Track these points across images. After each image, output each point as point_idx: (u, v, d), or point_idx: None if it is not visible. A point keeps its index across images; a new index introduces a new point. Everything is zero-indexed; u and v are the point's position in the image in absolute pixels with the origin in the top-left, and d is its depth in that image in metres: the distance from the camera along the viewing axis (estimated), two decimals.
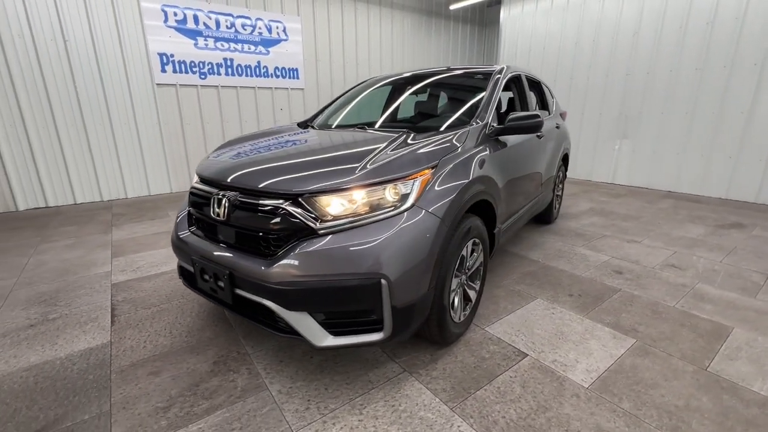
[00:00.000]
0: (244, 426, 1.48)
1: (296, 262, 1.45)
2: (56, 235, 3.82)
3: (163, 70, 5.50)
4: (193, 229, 1.91)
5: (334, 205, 1.51)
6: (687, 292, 2.56)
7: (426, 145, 1.82)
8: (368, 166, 1.59)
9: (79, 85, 4.95)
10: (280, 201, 1.53)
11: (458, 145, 1.93)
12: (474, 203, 1.95)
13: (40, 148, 4.83)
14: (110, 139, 5.29)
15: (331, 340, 1.52)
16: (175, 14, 5.45)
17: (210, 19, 5.72)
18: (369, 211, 1.52)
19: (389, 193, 1.55)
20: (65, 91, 4.90)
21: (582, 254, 3.25)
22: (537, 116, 2.28)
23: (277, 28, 6.37)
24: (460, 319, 1.98)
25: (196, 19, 5.60)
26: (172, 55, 5.53)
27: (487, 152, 2.12)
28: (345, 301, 1.46)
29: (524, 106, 3.05)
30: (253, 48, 6.18)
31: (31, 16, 4.53)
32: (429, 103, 2.81)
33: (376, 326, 1.53)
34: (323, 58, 7.05)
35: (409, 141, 1.87)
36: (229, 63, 6.01)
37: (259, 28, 6.19)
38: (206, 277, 1.72)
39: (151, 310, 2.37)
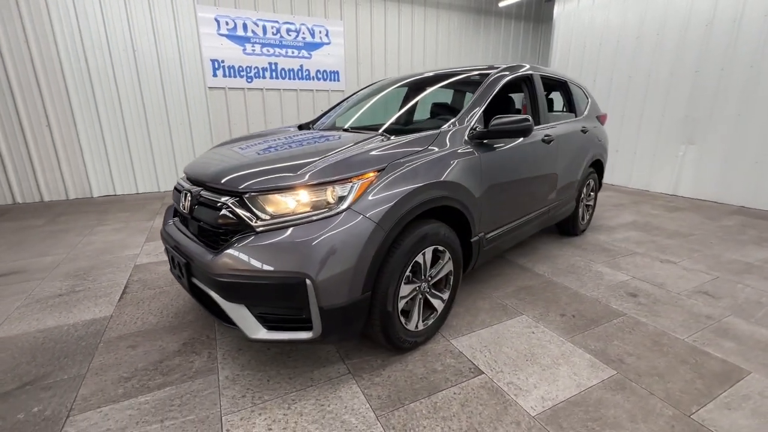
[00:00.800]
0: (183, 404, 1.60)
1: (233, 256, 1.53)
2: (111, 220, 4.40)
3: (215, 75, 6.03)
4: (175, 220, 2.10)
5: (272, 205, 1.56)
6: (709, 325, 2.20)
7: (381, 147, 1.80)
8: (311, 168, 1.62)
9: (144, 90, 5.64)
10: (227, 198, 1.63)
11: (420, 148, 1.87)
12: (434, 208, 1.89)
13: (111, 143, 5.60)
14: (168, 137, 5.95)
15: (263, 334, 1.58)
16: (227, 23, 5.95)
17: (257, 26, 6.14)
18: (306, 212, 1.55)
19: (328, 195, 1.57)
20: (133, 96, 5.61)
21: (597, 271, 2.93)
22: (524, 120, 2.13)
23: (320, 32, 6.64)
24: (417, 327, 1.92)
25: (245, 26, 6.06)
26: (222, 61, 6.04)
27: (464, 157, 2.03)
28: (274, 298, 1.51)
29: (535, 108, 2.85)
30: (296, 52, 6.51)
31: (108, 30, 5.27)
32: (420, 106, 2.76)
33: (305, 324, 1.56)
34: (364, 60, 7.19)
35: (372, 144, 1.86)
36: (273, 67, 6.40)
37: (303, 33, 6.50)
38: (174, 264, 1.88)
39: (154, 291, 2.64)
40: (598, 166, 3.85)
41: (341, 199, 1.56)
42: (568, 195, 3.25)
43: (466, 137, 2.13)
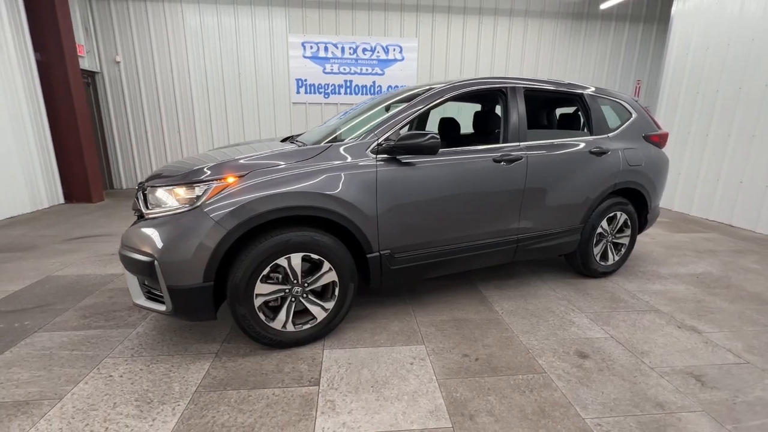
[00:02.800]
0: (93, 342, 2.10)
1: (126, 234, 1.95)
2: None
3: (298, 92, 6.99)
4: None
5: (155, 198, 1.93)
6: (649, 414, 1.64)
7: (259, 156, 1.99)
8: (184, 171, 1.92)
9: (244, 106, 6.96)
10: (140, 192, 2.07)
11: (299, 159, 1.98)
12: (315, 218, 1.97)
13: (219, 146, 7.07)
14: None
15: (142, 301, 1.96)
16: (311, 47, 6.84)
17: (337, 48, 6.87)
18: (174, 206, 1.86)
19: (189, 194, 1.85)
20: (237, 110, 6.97)
21: (569, 321, 2.43)
22: (428, 137, 2.03)
23: (394, 50, 6.99)
24: (285, 328, 2.02)
25: (326, 48, 6.86)
26: (305, 80, 6.96)
27: (356, 170, 2.04)
28: (140, 272, 1.87)
29: (507, 124, 2.55)
30: (369, 69, 7.01)
31: (224, 58, 6.71)
32: (367, 119, 2.69)
33: (162, 299, 1.87)
34: (438, 73, 7.23)
35: (267, 152, 2.07)
36: (348, 84, 7.04)
37: (378, 51, 6.96)
38: None
39: None
40: (635, 197, 3.11)
41: (198, 198, 1.83)
42: (559, 225, 2.75)
43: (369, 151, 2.12)
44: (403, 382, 1.83)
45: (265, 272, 1.91)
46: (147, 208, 1.95)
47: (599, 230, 2.96)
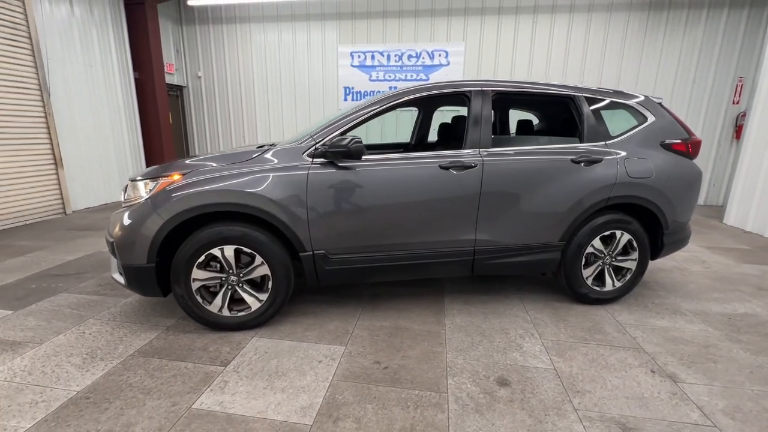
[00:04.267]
0: (87, 306, 2.59)
1: (108, 222, 2.38)
2: None
3: (345, 99, 7.36)
4: None
5: (128, 190, 2.32)
6: None
7: (207, 158, 2.25)
8: (154, 168, 2.27)
9: (298, 112, 7.58)
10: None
11: (237, 162, 2.19)
12: (235, 213, 2.17)
13: None
14: None
15: (117, 276, 2.36)
16: (359, 56, 7.15)
17: (383, 56, 7.07)
18: (138, 197, 2.22)
19: (145, 188, 2.19)
20: (292, 115, 7.63)
21: (515, 345, 2.20)
22: (350, 140, 2.07)
23: (440, 55, 6.92)
24: (221, 312, 2.25)
25: (372, 57, 7.11)
26: (352, 87, 7.30)
27: (286, 172, 2.17)
28: (110, 251, 2.26)
29: (467, 130, 2.43)
30: (414, 75, 7.06)
31: (282, 68, 7.42)
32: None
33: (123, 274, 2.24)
34: (486, 76, 6.94)
35: (213, 155, 2.34)
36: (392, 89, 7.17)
37: (423, 57, 6.97)
38: None
39: None
40: (641, 214, 2.66)
41: (150, 191, 2.16)
42: (529, 240, 2.49)
43: (305, 155, 2.24)
44: (300, 376, 1.90)
45: (200, 260, 2.15)
46: (123, 199, 2.36)
47: (590, 250, 2.60)
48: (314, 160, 2.24)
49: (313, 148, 2.25)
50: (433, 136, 4.10)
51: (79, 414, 1.61)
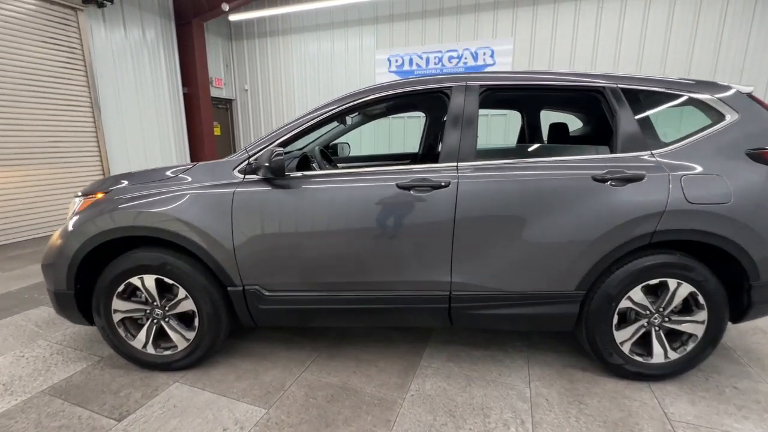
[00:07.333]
0: (54, 324, 2.53)
1: None
2: None
3: None
4: None
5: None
6: None
7: (136, 177, 2.00)
8: (98, 182, 2.09)
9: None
10: None
11: (162, 179, 1.90)
12: (143, 237, 1.89)
13: None
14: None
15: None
16: (396, 61, 6.75)
17: (422, 59, 6.58)
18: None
19: (74, 206, 2.00)
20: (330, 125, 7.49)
21: (502, 422, 1.55)
22: (270, 153, 1.67)
23: (484, 54, 6.23)
24: (145, 348, 1.97)
25: (411, 61, 6.66)
26: None
27: (209, 191, 1.82)
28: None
29: (443, 138, 1.86)
30: None
31: (320, 76, 7.32)
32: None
33: None
34: None
35: (142, 170, 2.10)
36: None
37: (465, 57, 6.33)
38: None
39: None
40: (715, 256, 1.80)
41: (75, 211, 1.97)
42: (530, 287, 1.80)
43: (237, 171, 1.87)
44: (216, 416, 1.51)
45: (120, 289, 1.90)
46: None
47: (627, 304, 1.83)
48: (246, 177, 1.86)
49: (246, 162, 1.88)
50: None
51: None
